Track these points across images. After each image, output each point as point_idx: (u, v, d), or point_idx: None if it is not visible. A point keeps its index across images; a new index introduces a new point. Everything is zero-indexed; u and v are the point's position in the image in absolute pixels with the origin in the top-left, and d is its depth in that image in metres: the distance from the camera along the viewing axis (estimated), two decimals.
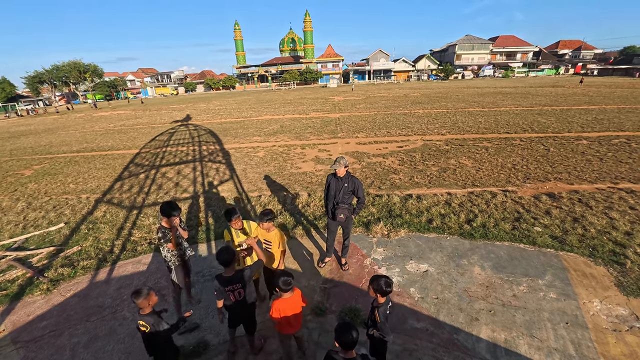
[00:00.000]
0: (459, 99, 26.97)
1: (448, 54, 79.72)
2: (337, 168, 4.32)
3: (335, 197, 4.44)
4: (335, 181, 4.43)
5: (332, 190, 4.47)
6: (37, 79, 62.56)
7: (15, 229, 7.05)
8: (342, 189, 4.37)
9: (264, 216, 3.69)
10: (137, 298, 2.70)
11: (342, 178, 4.35)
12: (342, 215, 4.39)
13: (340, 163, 4.31)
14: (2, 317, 4.38)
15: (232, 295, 3.15)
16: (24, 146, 17.91)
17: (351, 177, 4.42)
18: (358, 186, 4.41)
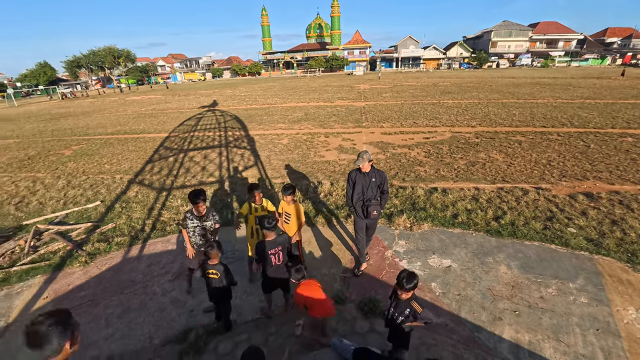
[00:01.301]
0: (492, 89, 25.67)
1: (482, 41, 75.68)
2: (360, 164, 4.11)
3: (364, 194, 4.22)
4: (362, 177, 4.20)
5: (358, 187, 4.23)
6: (75, 63, 65.84)
7: (56, 204, 7.58)
8: (369, 184, 4.16)
9: (286, 190, 4.12)
10: (211, 250, 3.33)
11: (368, 173, 4.16)
12: (375, 212, 4.17)
13: (363, 158, 4.09)
14: (45, 285, 4.77)
15: (273, 258, 3.48)
16: (64, 127, 19.04)
17: (377, 170, 4.24)
18: (384, 179, 4.24)
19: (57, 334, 1.63)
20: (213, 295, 3.56)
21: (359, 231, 4.48)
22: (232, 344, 3.53)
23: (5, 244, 5.77)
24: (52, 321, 1.64)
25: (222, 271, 3.40)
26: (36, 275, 4.95)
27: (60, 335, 1.65)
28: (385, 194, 4.34)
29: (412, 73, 57.95)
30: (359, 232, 4.48)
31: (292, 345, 3.44)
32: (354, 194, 4.30)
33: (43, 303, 4.39)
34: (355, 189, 4.29)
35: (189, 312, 4.04)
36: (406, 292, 2.76)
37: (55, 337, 1.62)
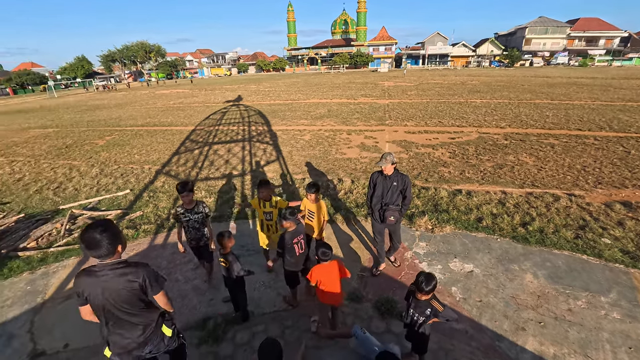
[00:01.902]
0: (525, 89, 24.52)
1: (516, 38, 72.35)
2: (383, 165, 3.93)
3: (383, 198, 4.08)
4: (383, 179, 4.07)
5: (379, 189, 4.11)
6: (110, 57, 68.99)
7: (90, 191, 8.01)
8: (390, 188, 4.01)
9: (310, 188, 4.13)
10: (221, 239, 3.42)
11: (391, 176, 4.00)
12: (392, 217, 4.03)
13: (386, 160, 3.91)
14: (78, 266, 5.06)
15: (297, 247, 3.57)
16: (98, 118, 20.04)
17: (400, 174, 4.05)
18: (408, 184, 4.02)
19: (108, 238, 2.00)
20: (226, 283, 3.72)
21: (377, 234, 4.41)
22: (249, 335, 3.61)
23: (44, 226, 6.17)
24: (103, 228, 2.00)
25: (229, 260, 3.48)
26: (70, 257, 5.27)
27: (112, 240, 2.02)
28: (406, 200, 4.12)
29: (438, 70, 56.35)
30: (377, 235, 4.42)
31: (309, 340, 3.48)
32: (374, 197, 4.20)
33: None
34: (375, 192, 4.18)
35: (209, 301, 4.16)
36: (425, 295, 2.74)
37: (107, 241, 1.99)
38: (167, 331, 2.43)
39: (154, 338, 2.34)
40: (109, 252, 2.03)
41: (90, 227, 2.00)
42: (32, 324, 3.96)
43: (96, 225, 2.01)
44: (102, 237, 1.97)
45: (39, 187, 8.47)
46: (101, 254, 2.01)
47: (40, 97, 48.21)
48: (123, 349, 2.25)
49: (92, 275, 2.06)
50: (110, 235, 2.02)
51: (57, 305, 4.25)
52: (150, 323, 2.31)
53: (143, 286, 2.13)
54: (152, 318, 2.32)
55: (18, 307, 4.24)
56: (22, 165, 10.68)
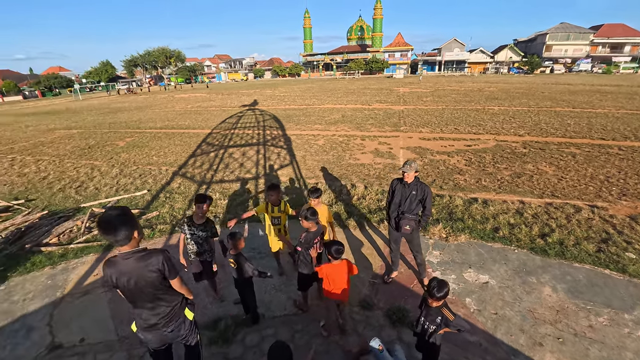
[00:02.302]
0: (545, 96, 23.89)
1: (536, 45, 70.80)
2: (406, 172, 3.82)
3: (400, 206, 3.99)
4: (402, 187, 3.97)
5: (397, 197, 4.01)
6: (132, 62, 71.42)
7: (110, 190, 8.27)
8: (409, 196, 3.91)
9: (313, 193, 4.16)
10: (233, 240, 3.45)
11: (410, 184, 3.90)
12: (407, 226, 3.92)
13: (410, 167, 3.80)
14: (96, 263, 5.22)
15: (314, 248, 3.60)
16: (120, 121, 20.74)
17: (420, 183, 3.93)
18: (427, 194, 3.90)
19: (124, 223, 2.06)
20: (236, 284, 3.75)
21: (393, 242, 4.34)
22: (259, 337, 3.62)
23: (66, 223, 6.40)
24: (118, 213, 2.07)
25: (238, 261, 3.51)
26: (89, 254, 5.44)
27: (127, 225, 2.07)
28: (426, 211, 3.98)
29: (455, 77, 55.64)
30: (393, 244, 4.35)
31: (319, 345, 3.46)
32: (391, 204, 4.12)
33: (93, 279, 4.81)
34: (393, 199, 4.09)
35: (220, 302, 4.21)
36: (437, 301, 2.70)
37: (122, 226, 2.05)
38: (189, 314, 2.58)
39: (176, 318, 2.49)
40: (125, 237, 2.10)
41: (107, 212, 2.10)
42: (52, 317, 4.10)
43: (112, 210, 2.11)
44: (117, 221, 2.05)
45: (62, 186, 8.82)
46: (118, 238, 2.08)
47: (66, 99, 50.33)
48: (147, 325, 2.42)
49: (116, 263, 2.20)
50: (126, 220, 2.09)
51: (75, 300, 4.39)
52: (173, 304, 2.46)
53: (162, 270, 2.26)
54: (175, 300, 2.47)
55: (39, 301, 4.40)
56: (47, 164, 11.15)
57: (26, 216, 6.79)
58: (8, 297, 4.50)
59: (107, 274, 2.23)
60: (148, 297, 2.32)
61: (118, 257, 2.20)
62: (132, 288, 2.24)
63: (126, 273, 2.19)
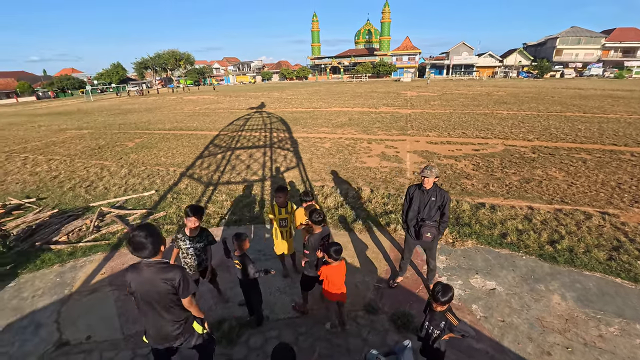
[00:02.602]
0: (555, 100, 23.58)
1: (546, 49, 70.06)
2: (427, 177, 3.69)
3: (419, 213, 3.87)
4: (420, 194, 3.85)
5: (415, 204, 3.89)
6: (143, 64, 72.67)
7: (118, 190, 8.38)
8: (428, 202, 3.79)
9: (306, 196, 4.22)
10: (238, 241, 3.46)
11: (429, 190, 3.78)
12: (428, 234, 3.80)
13: (431, 172, 3.67)
14: (104, 262, 5.28)
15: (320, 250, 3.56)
16: (130, 122, 21.05)
17: (439, 189, 3.81)
18: (447, 201, 3.79)
19: (154, 240, 2.28)
20: (241, 285, 3.75)
21: (407, 250, 4.23)
22: (262, 339, 3.62)
23: (75, 221, 6.51)
24: (147, 233, 2.27)
25: (243, 262, 3.52)
26: (97, 252, 5.51)
27: (155, 243, 2.29)
28: (445, 217, 3.88)
29: (463, 81, 55.29)
30: (407, 252, 4.24)
31: (322, 348, 3.44)
32: (409, 212, 3.99)
33: (101, 278, 4.87)
34: (411, 206, 3.96)
35: (225, 303, 4.22)
36: (441, 305, 2.68)
37: (151, 244, 2.26)
38: (198, 328, 2.67)
39: (185, 333, 2.59)
40: (152, 253, 2.32)
41: (136, 232, 2.27)
42: (59, 314, 4.16)
43: (141, 230, 2.28)
44: (146, 241, 2.26)
45: (73, 185, 8.97)
46: (146, 255, 2.30)
47: (78, 100, 51.33)
48: (157, 338, 2.54)
49: (136, 271, 2.36)
50: (154, 239, 2.30)
51: (82, 298, 4.44)
52: (182, 320, 2.55)
53: (177, 287, 2.37)
54: (184, 315, 2.56)
55: (47, 298, 4.47)
56: (58, 163, 11.37)
57: (37, 214, 6.91)
58: (18, 294, 4.58)
59: (128, 279, 2.38)
60: (160, 309, 2.42)
61: (141, 264, 2.35)
62: (145, 297, 2.37)
63: (143, 282, 2.33)
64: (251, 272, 3.48)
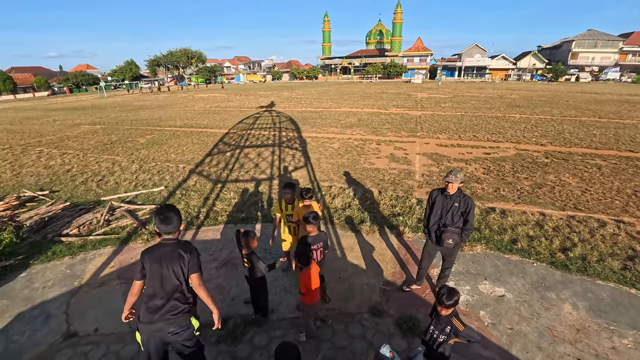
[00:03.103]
0: (569, 105, 23.09)
1: (561, 52, 68.70)
2: (452, 182, 3.57)
3: (441, 218, 3.76)
4: (443, 199, 3.73)
5: (437, 209, 3.77)
6: (155, 62, 73.62)
7: (129, 185, 8.50)
8: (451, 208, 3.66)
9: (306, 193, 4.18)
10: (246, 239, 3.49)
11: (452, 196, 3.65)
12: (450, 240, 3.66)
13: (456, 177, 3.55)
14: (113, 255, 5.36)
15: (315, 253, 3.58)
16: (141, 118, 21.35)
17: (464, 195, 3.68)
18: (471, 208, 3.64)
19: (178, 217, 2.55)
20: (248, 282, 3.79)
21: (426, 257, 4.09)
22: (267, 338, 3.62)
23: (86, 215, 6.62)
24: (174, 209, 2.56)
25: (251, 260, 3.56)
26: (107, 246, 5.60)
27: (179, 218, 2.56)
28: (468, 225, 3.71)
29: (475, 83, 54.55)
30: (426, 257, 4.09)
31: (327, 350, 3.42)
32: (431, 217, 3.86)
33: (109, 271, 4.94)
34: (433, 211, 3.83)
35: (231, 301, 4.23)
36: (446, 309, 2.64)
37: (177, 219, 2.53)
38: (195, 323, 2.64)
39: (181, 322, 2.53)
40: (175, 228, 2.53)
41: (165, 207, 2.56)
42: (69, 305, 4.23)
43: (168, 207, 2.59)
44: (173, 215, 2.52)
45: (85, 179, 9.13)
46: (170, 229, 2.50)
47: (92, 96, 52.32)
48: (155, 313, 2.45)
49: (156, 249, 2.51)
50: (178, 216, 2.57)
51: (91, 290, 4.51)
52: (183, 305, 2.53)
53: (187, 262, 2.47)
54: (187, 300, 2.57)
55: (57, 289, 4.55)
56: (71, 157, 11.59)
57: (50, 207, 7.06)
58: (29, 284, 4.68)
59: (143, 258, 2.49)
60: (165, 287, 2.45)
61: (160, 242, 2.54)
62: (155, 272, 2.44)
63: (157, 257, 2.45)
64: (261, 269, 3.51)
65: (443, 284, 4.19)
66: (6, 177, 9.69)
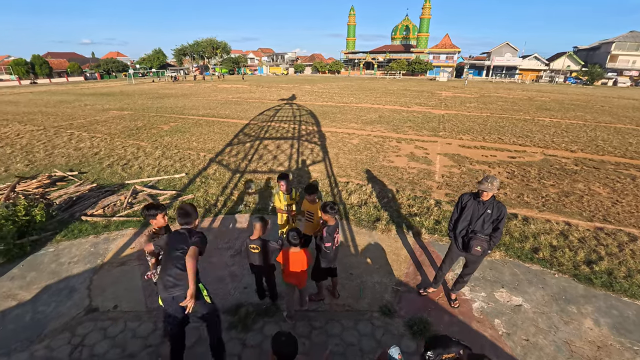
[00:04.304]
0: (604, 110, 21.84)
1: (599, 54, 64.88)
2: (486, 190, 3.36)
3: (470, 224, 3.58)
4: (475, 204, 3.53)
5: (467, 214, 3.59)
6: (182, 51, 75.20)
7: (152, 171, 8.78)
8: (482, 215, 3.48)
9: (310, 189, 4.25)
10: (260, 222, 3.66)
11: (486, 202, 3.47)
12: (478, 247, 3.48)
13: (492, 184, 3.33)
14: (134, 237, 5.57)
15: (336, 239, 3.75)
16: (166, 106, 21.93)
17: (497, 202, 3.49)
18: (503, 216, 3.47)
19: (195, 212, 3.11)
20: (252, 267, 3.93)
21: (448, 261, 3.93)
22: (277, 329, 3.66)
23: (111, 197, 6.90)
24: (192, 206, 3.11)
25: (262, 246, 3.70)
26: (129, 228, 5.82)
27: (196, 214, 3.11)
28: (498, 232, 3.53)
29: (503, 83, 52.51)
30: (448, 261, 3.94)
31: (335, 346, 3.43)
32: (460, 222, 3.68)
33: (130, 252, 5.14)
34: (462, 216, 3.66)
35: (243, 289, 4.31)
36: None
37: (194, 213, 3.09)
38: (202, 289, 3.02)
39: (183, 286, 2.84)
40: (192, 221, 3.06)
41: (184, 205, 3.11)
42: (91, 282, 4.44)
43: (188, 203, 3.25)
44: (191, 210, 3.07)
45: (111, 162, 9.51)
46: (187, 221, 3.03)
47: (121, 82, 54.17)
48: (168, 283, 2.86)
49: (176, 233, 3.00)
50: (195, 212, 3.13)
51: (112, 269, 4.71)
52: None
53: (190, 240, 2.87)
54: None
55: (82, 265, 4.79)
56: (99, 141, 12.08)
57: (78, 187, 7.40)
58: (57, 259, 4.94)
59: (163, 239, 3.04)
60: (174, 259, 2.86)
61: (177, 230, 3.03)
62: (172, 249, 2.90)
63: (176, 237, 2.95)
64: (275, 245, 3.72)
65: (459, 288, 4.09)
66: (40, 156, 10.23)
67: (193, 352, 3.34)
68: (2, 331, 3.65)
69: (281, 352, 2.11)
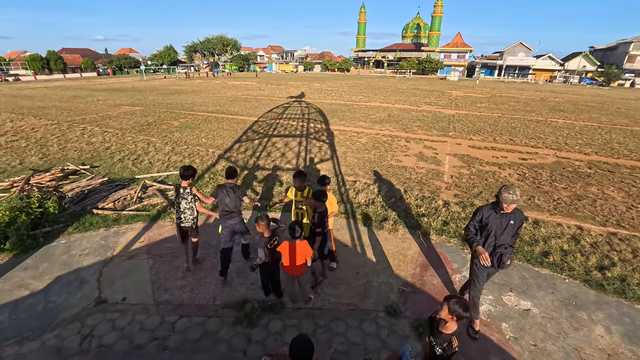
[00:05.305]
0: (620, 112, 21.26)
1: (616, 54, 63.14)
2: (512, 202, 3.15)
3: (497, 239, 3.35)
4: (497, 218, 3.31)
5: (492, 228, 3.35)
6: (192, 48, 75.86)
7: (161, 166, 8.89)
8: (507, 227, 3.30)
9: (322, 180, 4.43)
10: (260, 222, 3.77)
11: (507, 213, 3.28)
12: (509, 261, 3.36)
13: (515, 196, 3.13)
14: (143, 231, 5.65)
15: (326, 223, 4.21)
16: (176, 102, 22.16)
17: (517, 210, 3.34)
18: (523, 221, 3.41)
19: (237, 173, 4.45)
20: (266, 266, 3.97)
21: (481, 280, 3.58)
22: (281, 325, 3.68)
23: (121, 191, 7.01)
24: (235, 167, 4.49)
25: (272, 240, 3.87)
26: (138, 222, 5.91)
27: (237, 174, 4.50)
28: (515, 238, 3.43)
29: (516, 83, 51.53)
30: (480, 282, 3.58)
31: (339, 344, 3.43)
32: (486, 241, 3.42)
33: (139, 246, 5.22)
34: (485, 231, 3.42)
35: (249, 285, 4.34)
36: (452, 319, 2.42)
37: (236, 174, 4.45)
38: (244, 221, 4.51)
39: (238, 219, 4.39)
40: (235, 178, 4.37)
41: (232, 166, 4.41)
42: (101, 274, 4.53)
43: (231, 166, 4.47)
44: (236, 171, 4.37)
45: (122, 157, 9.66)
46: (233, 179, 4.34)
47: (132, 78, 54.90)
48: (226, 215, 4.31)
49: (224, 187, 4.27)
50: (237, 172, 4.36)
51: (122, 262, 4.79)
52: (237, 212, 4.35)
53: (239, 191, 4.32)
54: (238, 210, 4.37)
55: (92, 257, 4.88)
56: (111, 136, 12.28)
57: (89, 181, 7.54)
58: (68, 250, 5.05)
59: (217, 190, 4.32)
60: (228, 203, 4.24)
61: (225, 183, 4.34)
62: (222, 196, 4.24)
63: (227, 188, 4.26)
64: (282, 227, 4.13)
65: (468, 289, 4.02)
66: (53, 150, 10.45)
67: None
68: (15, 320, 3.75)
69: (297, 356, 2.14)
